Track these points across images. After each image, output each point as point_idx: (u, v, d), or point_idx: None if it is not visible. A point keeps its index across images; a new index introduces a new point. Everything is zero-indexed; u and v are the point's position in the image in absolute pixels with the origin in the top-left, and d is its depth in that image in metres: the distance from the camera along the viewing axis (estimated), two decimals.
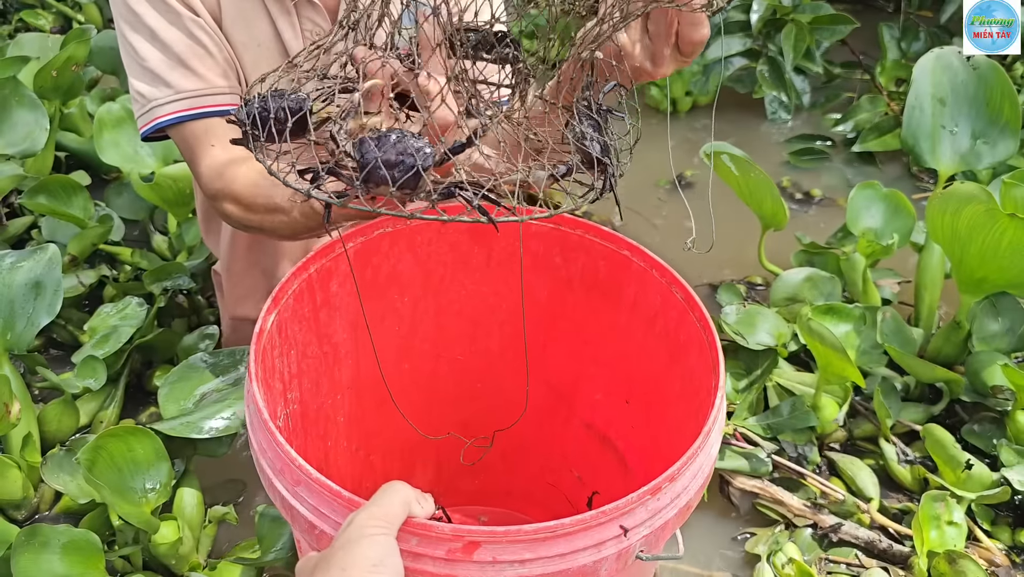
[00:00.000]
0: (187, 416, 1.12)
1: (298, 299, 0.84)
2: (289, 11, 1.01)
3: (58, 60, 1.78)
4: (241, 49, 1.03)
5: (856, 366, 1.21)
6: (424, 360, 1.02)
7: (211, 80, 0.99)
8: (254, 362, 0.74)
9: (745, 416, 1.32)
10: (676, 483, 0.65)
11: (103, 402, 1.37)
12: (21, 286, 1.21)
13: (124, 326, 1.34)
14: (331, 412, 0.95)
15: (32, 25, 2.67)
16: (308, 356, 0.88)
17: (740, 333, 1.37)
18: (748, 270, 1.75)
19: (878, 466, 1.31)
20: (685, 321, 0.83)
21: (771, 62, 2.33)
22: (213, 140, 0.99)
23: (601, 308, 0.94)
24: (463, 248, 0.95)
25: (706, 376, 0.77)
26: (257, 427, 0.70)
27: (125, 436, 1.03)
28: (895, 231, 1.50)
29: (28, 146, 1.70)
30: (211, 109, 0.99)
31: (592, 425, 1.02)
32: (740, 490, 1.27)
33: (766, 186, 1.46)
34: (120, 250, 1.70)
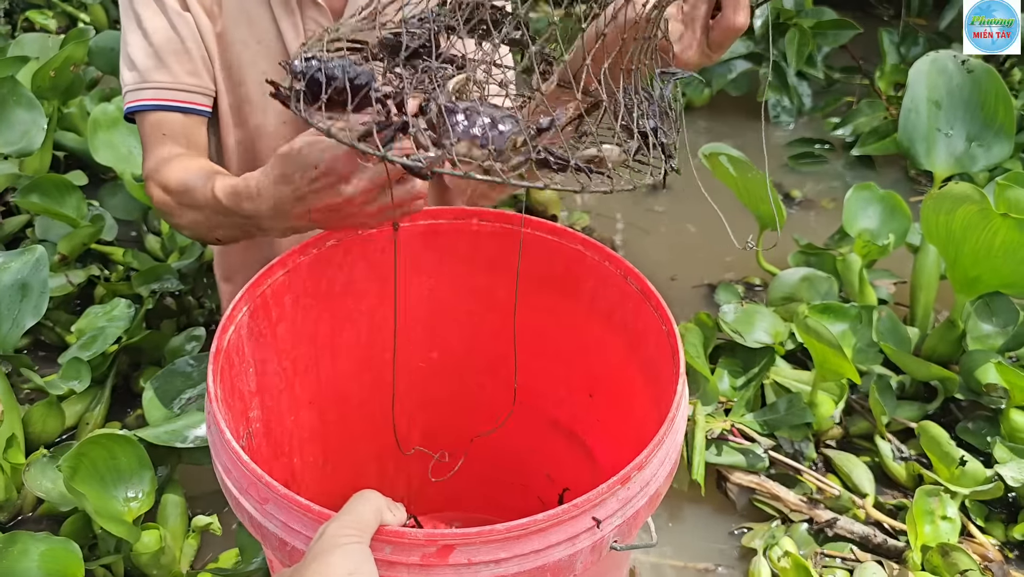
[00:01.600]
0: (171, 423, 1.12)
1: (253, 316, 0.82)
2: (293, 11, 1.03)
3: (56, 60, 1.79)
4: (240, 47, 1.04)
5: (852, 364, 1.23)
6: (386, 369, 0.99)
7: (179, 76, 1.02)
8: (213, 383, 0.72)
9: (743, 413, 1.33)
10: (644, 471, 0.66)
11: (89, 404, 1.37)
12: (7, 287, 1.21)
13: (111, 328, 1.34)
14: (294, 428, 0.93)
15: (38, 24, 2.69)
16: (267, 373, 0.87)
17: (738, 332, 1.38)
18: (746, 271, 1.77)
19: (873, 463, 1.32)
20: (642, 311, 0.83)
21: (775, 66, 2.36)
22: (166, 131, 1.02)
23: (560, 305, 0.93)
24: (415, 253, 0.93)
25: (666, 364, 0.77)
26: (220, 448, 0.69)
27: (108, 443, 1.03)
28: (891, 232, 1.52)
29: (25, 145, 1.71)
30: (172, 103, 1.02)
31: (558, 422, 1.02)
32: (737, 485, 1.28)
33: (763, 187, 1.48)
34: (112, 250, 1.70)
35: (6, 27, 2.66)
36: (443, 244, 0.93)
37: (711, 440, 1.27)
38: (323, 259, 0.88)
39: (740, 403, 1.35)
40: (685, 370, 0.73)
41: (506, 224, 0.91)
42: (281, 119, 1.10)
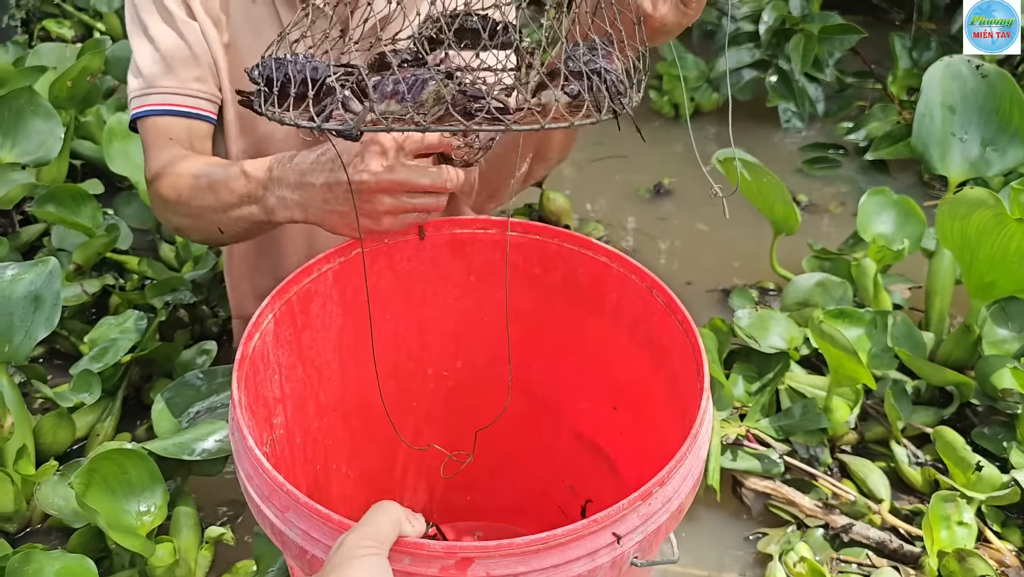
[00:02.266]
0: (179, 436, 1.12)
1: (279, 323, 0.83)
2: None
3: (73, 70, 1.82)
4: (247, 55, 1.05)
5: (867, 369, 1.23)
6: (410, 378, 1.01)
7: (185, 81, 1.03)
8: (237, 389, 0.73)
9: (757, 418, 1.33)
10: (666, 487, 0.65)
11: (100, 415, 1.37)
12: (20, 299, 1.21)
13: (122, 340, 1.34)
14: (318, 435, 0.94)
15: (54, 34, 2.71)
16: (292, 380, 0.88)
17: (752, 336, 1.38)
18: (760, 275, 1.77)
19: (889, 468, 1.32)
20: (667, 325, 0.83)
21: (780, 72, 2.36)
22: (172, 135, 1.02)
23: (584, 316, 0.94)
24: (443, 263, 0.94)
25: (691, 379, 0.77)
26: (243, 454, 0.69)
27: (119, 458, 1.03)
28: (906, 237, 1.52)
29: (42, 155, 1.73)
30: (178, 108, 1.03)
31: (581, 433, 1.02)
32: (752, 491, 1.28)
33: (778, 191, 1.48)
34: (127, 259, 1.71)
35: (23, 36, 2.69)
36: (469, 253, 0.94)
37: (726, 445, 1.27)
38: (349, 267, 0.88)
39: (755, 408, 1.35)
40: (709, 385, 0.73)
41: (530, 234, 0.92)
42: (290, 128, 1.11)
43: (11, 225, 1.86)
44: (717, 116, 2.61)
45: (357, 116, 0.58)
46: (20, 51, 2.21)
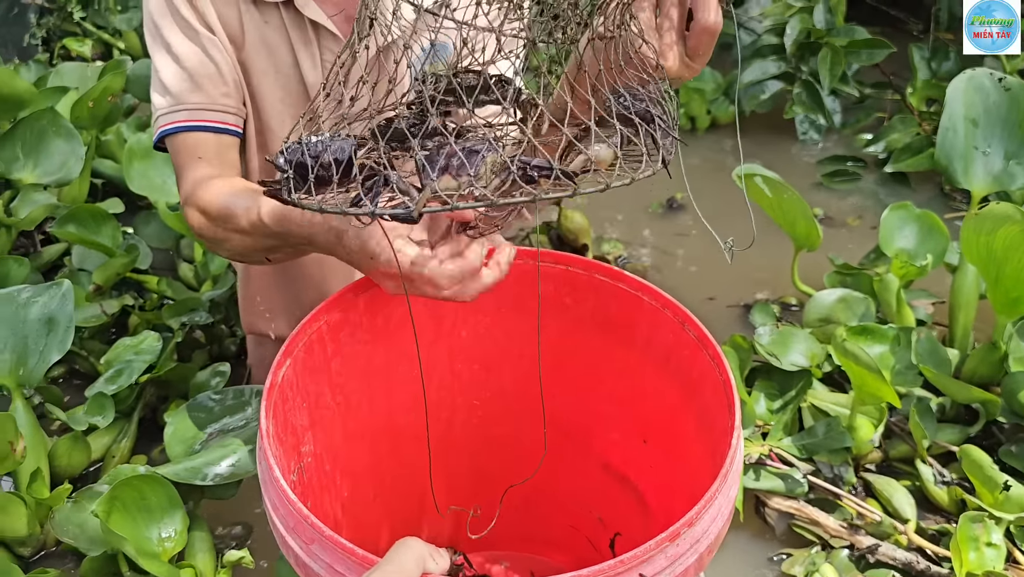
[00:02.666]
0: (191, 460, 1.12)
1: (309, 350, 0.83)
2: (310, 41, 1.04)
3: (95, 91, 1.83)
4: (260, 76, 1.05)
5: (891, 387, 1.21)
6: (439, 407, 1.01)
7: (214, 96, 1.02)
8: (266, 418, 0.72)
9: (780, 436, 1.32)
10: (695, 528, 0.64)
11: (116, 436, 1.37)
12: (35, 321, 1.21)
13: (137, 361, 1.34)
14: (346, 462, 0.94)
15: (74, 52, 2.74)
16: (321, 407, 0.87)
17: (774, 354, 1.37)
18: (781, 291, 1.76)
19: (914, 487, 1.30)
20: (698, 359, 0.82)
21: (806, 85, 2.35)
22: (201, 153, 1.01)
23: (614, 348, 0.93)
24: None
25: (721, 415, 0.76)
26: (269, 485, 0.69)
27: (138, 484, 1.03)
28: (929, 252, 1.50)
29: (63, 175, 1.75)
30: (208, 124, 1.02)
31: (610, 465, 1.01)
32: (776, 511, 1.27)
33: (799, 207, 1.47)
34: (147, 278, 1.72)
35: (44, 55, 2.72)
36: (500, 283, 0.93)
37: (749, 465, 1.26)
38: (380, 295, 0.88)
39: (777, 427, 1.34)
40: (741, 423, 0.72)
41: (561, 265, 0.91)
42: None
43: (33, 245, 1.88)
44: (734, 129, 2.60)
45: (415, 198, 0.55)
46: (42, 69, 2.24)
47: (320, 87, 0.67)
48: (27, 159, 1.76)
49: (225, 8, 1.03)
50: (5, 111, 1.79)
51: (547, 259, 0.92)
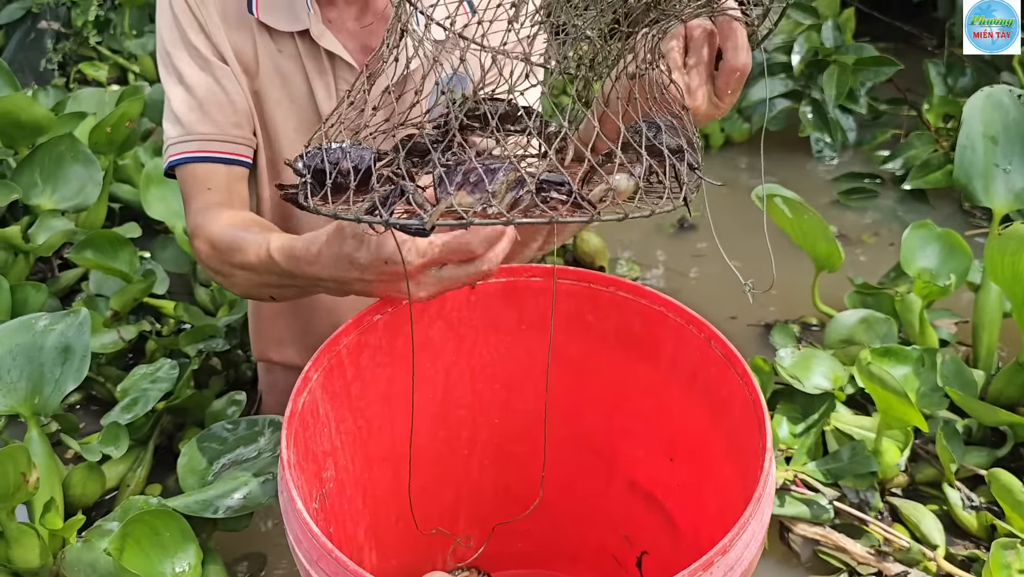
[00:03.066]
0: (203, 492, 1.10)
1: (329, 375, 0.82)
2: (325, 71, 1.03)
3: (113, 117, 1.84)
4: (274, 105, 1.05)
5: (918, 410, 1.20)
6: (461, 426, 1.00)
7: (224, 127, 1.02)
8: (287, 448, 0.71)
9: (804, 461, 1.30)
10: (729, 555, 0.62)
11: (131, 465, 1.36)
12: (51, 350, 1.20)
13: (153, 390, 1.32)
14: (368, 486, 0.94)
15: (90, 76, 2.77)
16: (342, 432, 0.87)
17: (796, 376, 1.35)
18: (800, 310, 1.74)
19: (942, 512, 1.28)
20: (727, 377, 0.81)
21: (814, 103, 2.34)
22: (210, 184, 1.01)
23: (638, 365, 0.92)
24: (494, 311, 0.93)
25: (751, 435, 0.74)
26: (291, 516, 0.68)
27: (150, 519, 1.01)
28: (951, 271, 1.49)
29: (81, 200, 1.76)
30: (217, 155, 1.02)
31: (636, 484, 1.00)
32: (801, 537, 1.25)
33: (819, 228, 1.46)
34: (164, 303, 1.72)
35: (60, 79, 2.75)
36: (520, 301, 0.93)
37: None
38: (400, 317, 0.87)
39: (801, 451, 1.32)
40: (772, 444, 0.71)
41: (583, 282, 0.90)
42: None
43: (51, 270, 1.88)
44: (748, 147, 2.60)
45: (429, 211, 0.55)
46: (60, 94, 2.26)
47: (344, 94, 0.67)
48: (45, 185, 1.78)
49: (238, 37, 1.02)
50: (23, 137, 1.81)
51: (568, 276, 0.91)
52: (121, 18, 2.79)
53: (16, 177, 1.76)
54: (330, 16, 1.03)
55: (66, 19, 2.78)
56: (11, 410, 1.18)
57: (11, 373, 1.19)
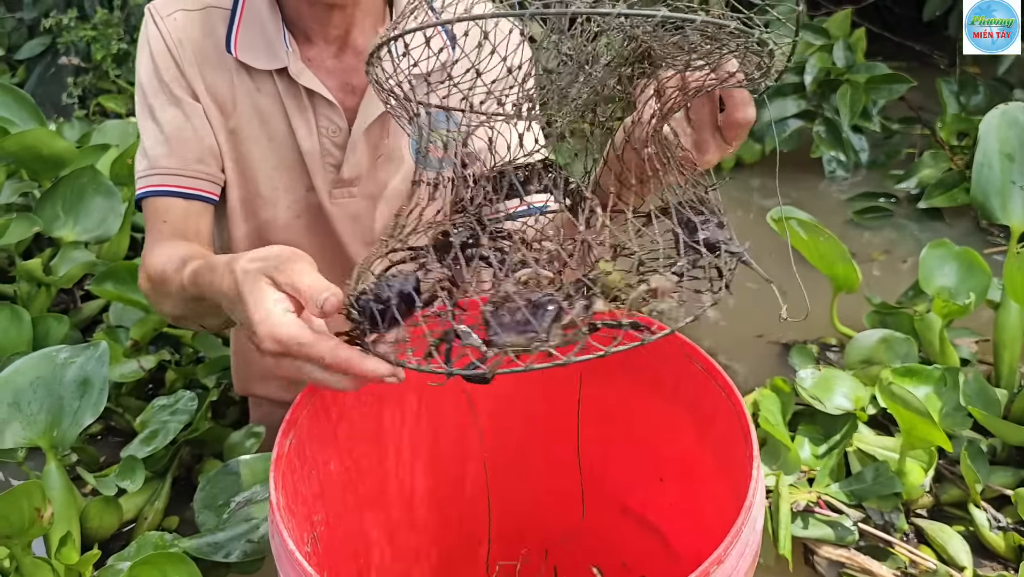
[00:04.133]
0: (215, 534, 1.09)
1: (314, 417, 0.81)
2: (305, 108, 1.04)
3: (133, 148, 1.85)
4: (251, 143, 1.06)
5: (942, 430, 1.19)
6: (451, 464, 0.99)
7: (187, 162, 1.03)
8: (275, 490, 0.70)
9: (827, 483, 1.29)
10: (724, 565, 0.62)
11: (149, 497, 1.36)
12: (70, 383, 1.20)
13: (172, 422, 1.32)
14: (359, 529, 0.92)
15: (109, 109, 2.81)
16: (331, 474, 0.85)
17: (817, 397, 1.35)
18: (819, 331, 1.74)
19: (968, 533, 1.27)
20: (709, 391, 0.80)
21: (827, 123, 2.35)
22: (167, 217, 1.02)
23: (622, 384, 0.91)
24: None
25: (738, 446, 0.74)
26: (284, 560, 0.67)
27: (159, 561, 0.99)
28: (970, 289, 1.48)
29: (102, 232, 1.78)
30: (176, 189, 1.03)
31: (628, 508, 0.99)
32: (826, 560, 1.24)
33: (837, 250, 1.46)
34: (182, 333, 1.72)
35: (80, 112, 2.79)
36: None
37: (796, 512, 1.24)
38: None
39: (823, 472, 1.31)
40: (759, 452, 0.70)
41: None
42: (294, 212, 1.10)
43: (73, 301, 1.90)
44: (760, 168, 2.61)
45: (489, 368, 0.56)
46: (85, 127, 2.28)
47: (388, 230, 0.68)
48: (67, 217, 1.80)
49: (216, 76, 1.04)
50: (46, 170, 1.83)
51: None
52: None
53: (39, 210, 1.78)
54: (309, 55, 1.04)
55: (86, 53, 2.83)
56: (30, 443, 1.19)
57: (31, 405, 1.19)
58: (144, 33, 1.05)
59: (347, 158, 1.06)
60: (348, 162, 1.06)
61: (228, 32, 1.02)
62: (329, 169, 1.07)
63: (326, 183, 1.08)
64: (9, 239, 1.70)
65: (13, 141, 1.73)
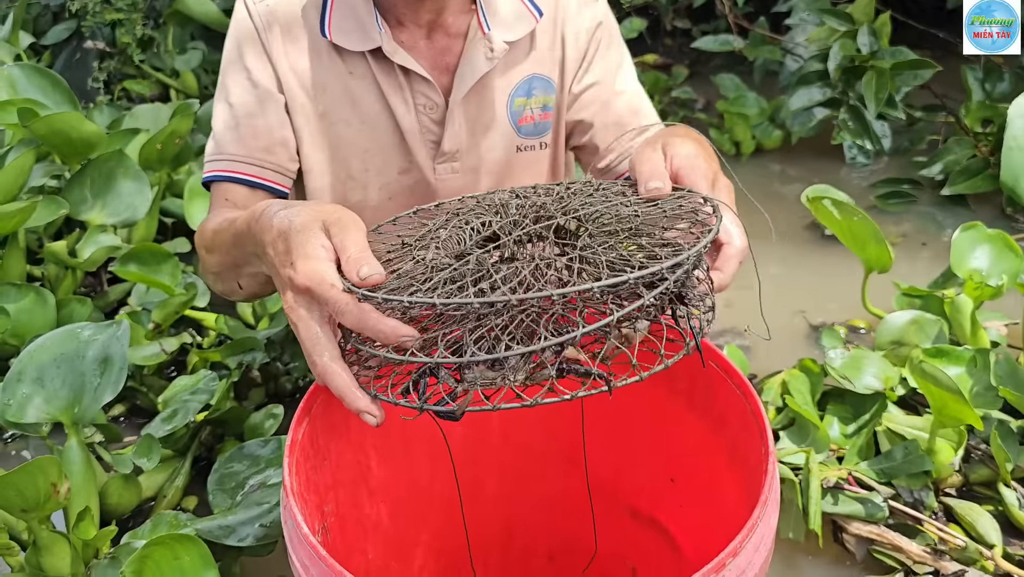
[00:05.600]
0: (226, 517, 1.10)
1: (327, 406, 0.80)
2: (402, 86, 1.05)
3: (163, 134, 1.88)
4: (342, 125, 1.07)
5: (973, 409, 1.19)
6: (464, 465, 0.97)
7: (253, 150, 1.03)
8: (289, 476, 0.70)
9: (856, 461, 1.30)
10: (739, 558, 0.62)
11: (170, 475, 1.37)
12: (92, 360, 1.21)
13: (193, 401, 1.33)
14: (368, 522, 0.91)
15: (134, 93, 2.83)
16: (342, 465, 0.85)
17: (847, 377, 1.36)
18: (846, 314, 1.74)
19: (997, 512, 1.27)
20: (723, 388, 0.80)
21: (852, 110, 2.34)
22: (228, 196, 1.03)
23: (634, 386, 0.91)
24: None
25: (754, 445, 0.73)
26: (296, 543, 0.67)
27: (171, 543, 1.00)
28: (1003, 272, 1.48)
29: (129, 215, 1.79)
30: (241, 176, 1.03)
31: (638, 511, 0.98)
32: (855, 536, 1.25)
33: (870, 229, 1.46)
34: (205, 316, 1.74)
35: (105, 97, 2.81)
36: None
37: (827, 489, 1.24)
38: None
39: (852, 451, 1.32)
40: (775, 448, 0.70)
41: None
42: (386, 194, 1.10)
43: (100, 285, 1.92)
44: (780, 154, 2.61)
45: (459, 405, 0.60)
46: (115, 112, 2.30)
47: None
48: (95, 200, 1.81)
49: (305, 61, 1.04)
50: (75, 154, 1.84)
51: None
52: (164, 36, 2.86)
53: (67, 192, 1.80)
54: (401, 38, 1.05)
55: (111, 38, 2.85)
56: (53, 418, 1.20)
57: (54, 381, 1.21)
58: (235, 16, 1.06)
59: (446, 132, 1.06)
60: (447, 135, 1.06)
61: (322, 16, 1.04)
62: (430, 146, 1.08)
63: (428, 160, 1.09)
64: (38, 221, 1.72)
65: (43, 124, 1.74)
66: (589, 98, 1.11)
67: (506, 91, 1.08)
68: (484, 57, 1.04)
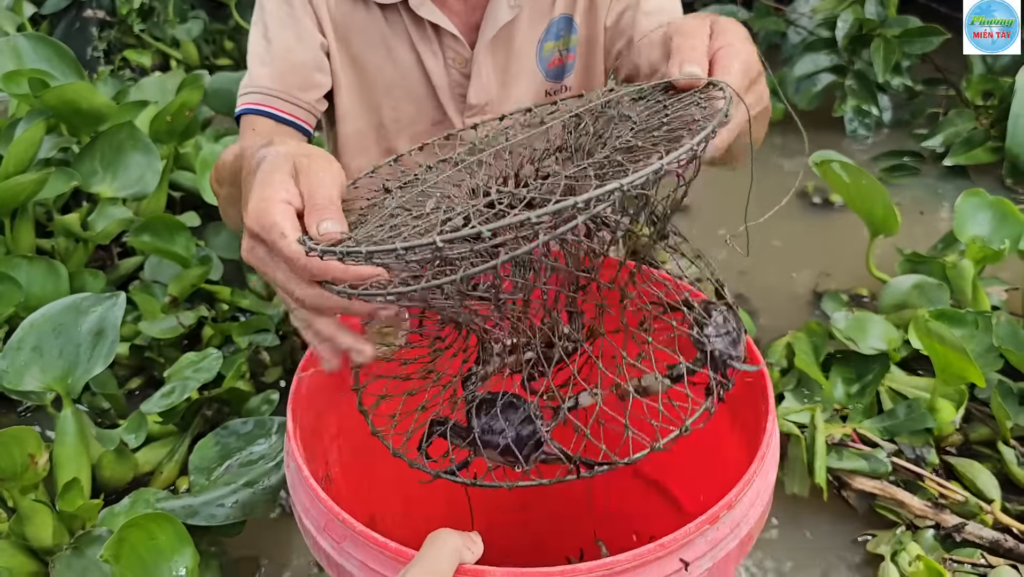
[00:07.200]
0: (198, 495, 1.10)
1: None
2: (431, 40, 1.06)
3: (172, 106, 1.85)
4: (376, 72, 1.07)
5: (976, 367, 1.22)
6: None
7: (289, 86, 1.02)
8: (291, 420, 0.70)
9: (860, 420, 1.33)
10: (734, 510, 0.62)
11: (170, 451, 1.37)
12: (87, 332, 1.21)
13: (194, 379, 1.32)
14: (373, 477, 0.91)
15: (134, 63, 2.81)
16: (348, 416, 0.83)
17: (851, 338, 1.39)
18: (850, 282, 1.77)
19: (997, 470, 1.31)
20: None
21: (859, 76, 2.35)
22: (255, 127, 1.02)
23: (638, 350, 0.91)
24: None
25: (756, 402, 0.74)
26: (298, 485, 0.67)
27: (145, 524, 1.00)
28: (1004, 237, 1.51)
29: (140, 188, 1.77)
30: (271, 111, 1.02)
31: (640, 472, 0.98)
32: (858, 491, 1.28)
33: (877, 192, 1.49)
34: (219, 289, 1.73)
35: (106, 67, 2.80)
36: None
37: (831, 445, 1.28)
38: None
39: (856, 410, 1.35)
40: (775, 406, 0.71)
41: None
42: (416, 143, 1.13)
43: (111, 258, 1.91)
44: (781, 127, 2.61)
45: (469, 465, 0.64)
46: (118, 84, 2.28)
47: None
48: (105, 173, 1.79)
49: (342, 4, 1.04)
50: (85, 125, 1.83)
51: None
52: (164, 5, 2.84)
53: (77, 165, 1.78)
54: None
55: (110, 7, 2.83)
56: (48, 387, 1.20)
57: (52, 351, 1.21)
58: None
59: (472, 85, 1.07)
60: (473, 88, 1.07)
61: None
62: (459, 100, 1.10)
63: (457, 114, 1.10)
64: (48, 193, 1.70)
65: (53, 95, 1.73)
66: (625, 24, 1.08)
67: (534, 38, 1.09)
68: (507, 5, 1.05)
